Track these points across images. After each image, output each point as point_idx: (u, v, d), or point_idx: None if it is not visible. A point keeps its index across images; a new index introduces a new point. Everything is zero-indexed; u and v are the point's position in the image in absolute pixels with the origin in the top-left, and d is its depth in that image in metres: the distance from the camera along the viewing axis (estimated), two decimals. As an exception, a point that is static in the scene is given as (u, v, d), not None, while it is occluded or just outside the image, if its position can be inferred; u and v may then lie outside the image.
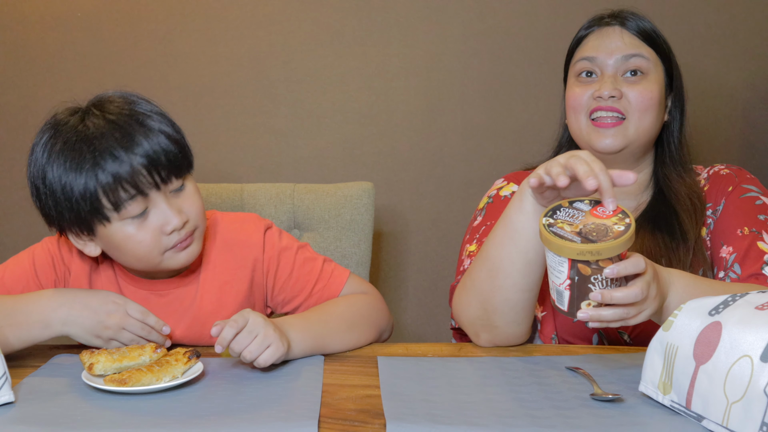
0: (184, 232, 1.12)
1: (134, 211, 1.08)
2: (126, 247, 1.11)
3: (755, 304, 0.84)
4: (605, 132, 1.26)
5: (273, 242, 1.27)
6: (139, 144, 1.07)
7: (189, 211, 1.13)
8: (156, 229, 1.10)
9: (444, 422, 0.86)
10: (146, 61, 2.09)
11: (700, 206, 1.27)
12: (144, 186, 1.07)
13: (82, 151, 1.07)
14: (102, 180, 1.06)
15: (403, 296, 2.16)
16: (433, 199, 2.13)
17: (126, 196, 1.07)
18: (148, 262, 1.13)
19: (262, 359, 1.02)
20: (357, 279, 1.30)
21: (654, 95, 1.27)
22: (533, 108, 2.09)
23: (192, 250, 1.15)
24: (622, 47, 1.28)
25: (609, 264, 0.92)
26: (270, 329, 1.04)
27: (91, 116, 1.11)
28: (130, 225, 1.09)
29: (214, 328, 1.02)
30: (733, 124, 2.13)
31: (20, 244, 2.18)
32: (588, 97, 1.28)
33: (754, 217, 1.23)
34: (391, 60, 2.08)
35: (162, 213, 1.10)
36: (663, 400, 0.91)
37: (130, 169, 1.06)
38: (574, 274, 0.95)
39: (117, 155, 1.06)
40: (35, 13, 2.07)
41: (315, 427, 0.86)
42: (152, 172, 1.08)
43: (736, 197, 1.27)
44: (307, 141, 2.11)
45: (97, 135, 1.08)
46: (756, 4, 2.08)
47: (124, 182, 1.06)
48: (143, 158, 1.07)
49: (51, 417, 0.90)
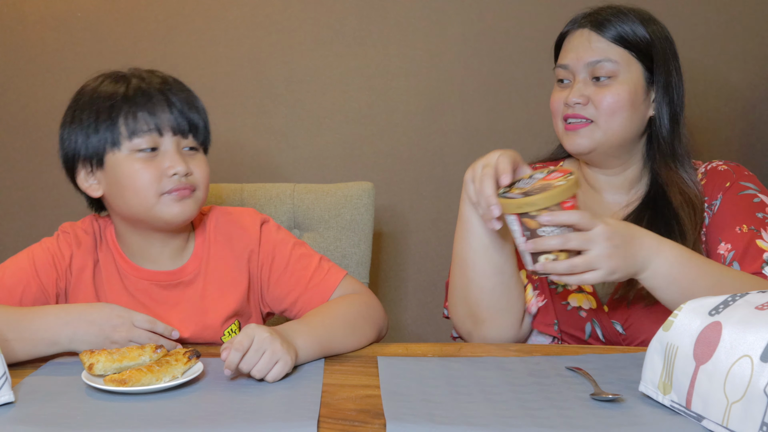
0: (185, 181, 1.17)
1: (143, 144, 1.16)
2: (127, 182, 1.16)
3: (755, 304, 0.85)
4: (574, 134, 1.31)
5: (269, 235, 1.29)
6: (174, 94, 1.20)
7: (195, 172, 1.19)
8: (158, 169, 1.16)
9: (444, 422, 0.86)
10: (146, 61, 2.07)
11: (699, 205, 1.27)
12: (161, 125, 1.17)
13: (121, 80, 1.21)
14: (126, 97, 1.17)
15: (403, 296, 2.16)
16: (433, 199, 2.13)
17: (141, 125, 1.16)
18: (143, 202, 1.16)
19: (271, 376, 1.01)
20: (351, 279, 1.31)
21: (621, 97, 1.28)
22: (533, 108, 2.09)
23: (187, 206, 1.18)
24: (589, 52, 1.30)
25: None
26: (277, 344, 1.02)
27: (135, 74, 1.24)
28: (136, 161, 1.16)
29: (223, 352, 1.01)
30: (733, 124, 2.13)
31: (20, 244, 2.18)
32: (561, 103, 1.33)
33: (753, 215, 1.23)
34: (391, 60, 2.08)
35: (169, 156, 1.17)
36: (663, 400, 0.91)
37: (155, 103, 1.17)
38: (525, 229, 1.05)
39: (150, 92, 1.18)
40: (35, 13, 2.07)
41: (314, 427, 0.86)
42: (175, 117, 1.18)
43: (733, 194, 1.27)
44: (307, 141, 2.11)
45: (142, 77, 1.22)
46: (756, 4, 2.08)
47: (144, 113, 1.16)
48: (171, 105, 1.18)
49: (51, 417, 0.90)
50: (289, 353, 1.03)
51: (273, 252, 1.28)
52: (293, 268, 1.27)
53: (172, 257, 1.26)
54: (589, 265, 1.03)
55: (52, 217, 2.14)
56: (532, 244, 1.05)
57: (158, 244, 1.24)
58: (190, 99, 1.23)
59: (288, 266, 1.28)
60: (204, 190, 1.21)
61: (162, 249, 1.24)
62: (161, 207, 1.17)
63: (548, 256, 1.05)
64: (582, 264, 1.03)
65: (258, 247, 1.28)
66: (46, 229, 2.15)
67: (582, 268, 1.03)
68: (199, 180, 1.20)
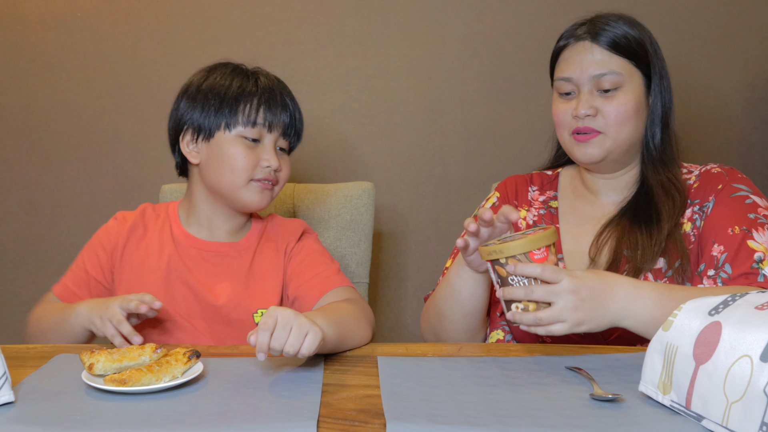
0: (274, 175, 1.34)
1: (252, 134, 1.32)
2: (226, 160, 1.32)
3: (755, 303, 0.85)
4: (585, 145, 1.32)
5: (305, 241, 1.43)
6: (290, 98, 1.39)
7: (283, 169, 1.37)
8: (256, 158, 1.32)
9: (444, 422, 0.86)
10: (146, 61, 2.09)
11: (679, 198, 1.30)
12: (273, 123, 1.34)
13: (250, 76, 1.37)
14: (253, 91, 1.33)
15: (403, 296, 2.16)
16: (433, 199, 2.13)
17: (259, 118, 1.32)
18: (235, 181, 1.32)
19: (305, 348, 1.01)
20: (354, 290, 1.38)
21: (629, 107, 1.30)
22: (533, 108, 2.09)
23: (265, 196, 1.35)
24: (593, 65, 1.31)
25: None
26: (302, 318, 1.03)
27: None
28: (242, 145, 1.32)
29: (250, 337, 1.01)
30: (733, 124, 2.13)
31: (20, 244, 2.19)
32: (569, 115, 1.34)
33: (744, 216, 1.24)
34: (391, 60, 2.09)
35: (268, 150, 1.34)
36: (663, 400, 0.91)
37: (276, 102, 1.34)
38: (497, 277, 1.08)
39: (274, 94, 1.36)
40: (35, 13, 2.07)
41: (314, 427, 0.86)
42: (284, 121, 1.36)
43: (725, 196, 1.28)
44: (307, 141, 2.10)
45: (267, 75, 1.40)
46: (756, 4, 2.09)
47: (264, 109, 1.33)
48: (286, 107, 1.36)
49: (51, 417, 0.90)
50: (316, 325, 1.04)
51: (302, 253, 1.40)
52: (308, 263, 1.38)
53: (230, 234, 1.40)
54: (554, 318, 1.04)
55: (52, 217, 2.15)
56: (501, 291, 1.07)
57: (224, 218, 1.39)
58: (297, 104, 1.41)
59: (306, 260, 1.39)
60: (281, 187, 1.38)
61: (224, 223, 1.39)
62: (246, 191, 1.33)
63: (518, 305, 1.06)
64: (546, 317, 1.04)
65: (294, 245, 1.41)
66: (46, 229, 2.16)
67: (547, 320, 1.04)
68: (282, 177, 1.37)
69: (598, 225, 1.36)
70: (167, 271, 1.35)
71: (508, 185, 1.49)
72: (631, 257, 1.27)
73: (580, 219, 1.40)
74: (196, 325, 1.34)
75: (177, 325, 1.34)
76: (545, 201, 1.45)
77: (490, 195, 1.51)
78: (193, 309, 1.34)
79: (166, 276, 1.35)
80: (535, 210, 1.44)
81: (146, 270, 1.36)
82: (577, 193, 1.44)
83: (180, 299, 1.34)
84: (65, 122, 2.11)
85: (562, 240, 1.38)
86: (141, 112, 2.10)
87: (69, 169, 2.13)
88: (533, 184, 1.48)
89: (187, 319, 1.34)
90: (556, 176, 1.49)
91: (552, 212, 1.43)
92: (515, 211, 1.14)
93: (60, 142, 2.12)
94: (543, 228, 1.11)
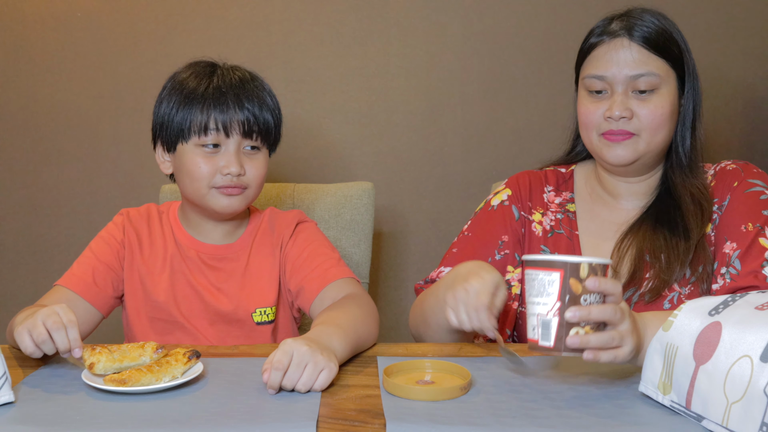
0: (236, 181, 1.28)
1: (209, 140, 1.27)
2: (187, 169, 1.29)
3: (755, 304, 0.85)
4: (616, 146, 1.26)
5: (301, 232, 1.40)
6: (248, 95, 1.30)
7: (249, 172, 1.30)
8: (216, 166, 1.28)
9: (444, 422, 0.86)
10: (146, 61, 2.09)
11: (707, 206, 1.26)
12: (228, 125, 1.27)
13: (205, 76, 1.32)
14: (203, 95, 1.27)
15: (403, 296, 2.15)
16: (433, 199, 2.13)
17: (210, 123, 1.27)
18: (197, 191, 1.29)
19: (318, 385, 0.98)
20: (356, 282, 1.35)
21: (665, 110, 1.25)
22: (533, 108, 2.09)
23: (234, 201, 1.30)
24: (631, 65, 1.24)
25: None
26: (318, 354, 0.99)
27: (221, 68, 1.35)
28: (199, 154, 1.28)
29: (264, 374, 0.98)
30: (733, 124, 2.13)
31: (20, 244, 2.19)
32: (599, 116, 1.27)
33: (759, 213, 1.22)
34: (391, 60, 2.08)
35: (227, 156, 1.28)
36: (663, 400, 0.91)
37: (228, 104, 1.27)
38: (566, 292, 0.92)
39: (225, 92, 1.28)
40: (35, 13, 2.07)
41: (314, 427, 0.86)
42: (243, 119, 1.28)
43: (741, 192, 1.26)
44: (307, 141, 2.11)
45: (224, 75, 1.32)
46: (756, 4, 2.08)
47: (216, 113, 1.27)
48: (242, 107, 1.28)
49: (51, 417, 0.90)
50: (332, 359, 1.00)
51: (300, 245, 1.37)
52: (308, 255, 1.36)
53: (224, 236, 1.38)
54: (622, 340, 0.93)
55: (52, 217, 2.15)
56: (575, 311, 0.91)
57: (211, 223, 1.37)
58: (264, 100, 1.33)
59: (303, 253, 1.36)
60: (255, 188, 1.33)
61: (214, 228, 1.38)
62: (211, 198, 1.30)
63: (579, 329, 0.92)
64: (617, 340, 0.93)
65: (289, 239, 1.39)
66: (46, 229, 2.16)
67: (616, 342, 0.93)
68: (251, 180, 1.31)
69: (619, 231, 1.30)
70: (171, 272, 1.36)
71: (521, 182, 1.41)
72: (653, 264, 1.23)
73: (600, 225, 1.34)
74: (196, 325, 1.34)
75: (178, 325, 1.34)
76: (562, 204, 1.38)
77: (500, 190, 1.42)
78: (195, 309, 1.35)
79: (170, 276, 1.35)
80: (551, 214, 1.38)
81: (153, 270, 1.36)
82: (595, 196, 1.37)
83: (182, 299, 1.35)
84: (65, 122, 2.11)
85: (582, 247, 1.33)
86: (141, 112, 2.09)
87: (69, 169, 2.13)
88: (548, 183, 1.41)
89: (189, 319, 1.34)
90: (570, 174, 1.42)
91: (570, 216, 1.36)
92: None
93: (60, 142, 2.12)
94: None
